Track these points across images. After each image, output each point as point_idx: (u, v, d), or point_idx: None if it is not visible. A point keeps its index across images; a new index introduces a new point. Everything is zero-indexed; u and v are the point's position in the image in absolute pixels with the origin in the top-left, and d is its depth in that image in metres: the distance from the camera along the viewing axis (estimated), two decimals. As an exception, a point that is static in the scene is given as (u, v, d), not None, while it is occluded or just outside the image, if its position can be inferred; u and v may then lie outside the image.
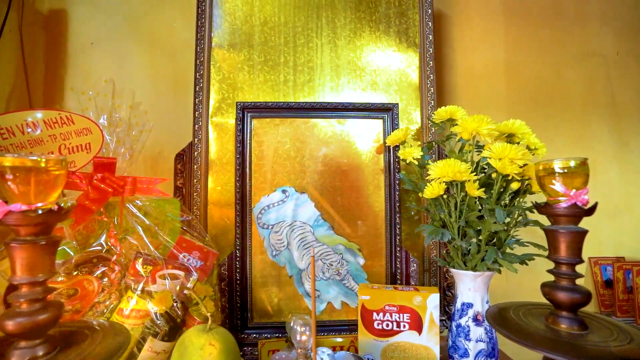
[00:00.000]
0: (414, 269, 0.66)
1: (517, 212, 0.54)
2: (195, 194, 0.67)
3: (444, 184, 0.53)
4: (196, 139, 0.68)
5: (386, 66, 0.73)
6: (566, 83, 0.91)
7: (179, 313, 0.49)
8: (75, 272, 0.48)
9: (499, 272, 0.53)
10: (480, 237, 0.53)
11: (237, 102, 0.68)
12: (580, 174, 0.39)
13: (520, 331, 0.39)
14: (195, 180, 0.68)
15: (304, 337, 0.40)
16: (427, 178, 0.55)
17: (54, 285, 0.46)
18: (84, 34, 0.82)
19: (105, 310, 0.47)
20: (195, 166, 0.68)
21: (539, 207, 0.42)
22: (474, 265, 0.54)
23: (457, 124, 0.56)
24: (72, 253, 0.47)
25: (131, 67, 0.82)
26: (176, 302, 0.49)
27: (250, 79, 0.71)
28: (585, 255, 0.87)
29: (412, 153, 0.59)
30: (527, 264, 0.54)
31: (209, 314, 0.43)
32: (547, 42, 0.91)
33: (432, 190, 0.54)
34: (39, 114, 0.50)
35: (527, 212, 0.53)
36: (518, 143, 0.57)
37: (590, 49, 0.91)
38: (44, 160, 0.33)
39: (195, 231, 0.61)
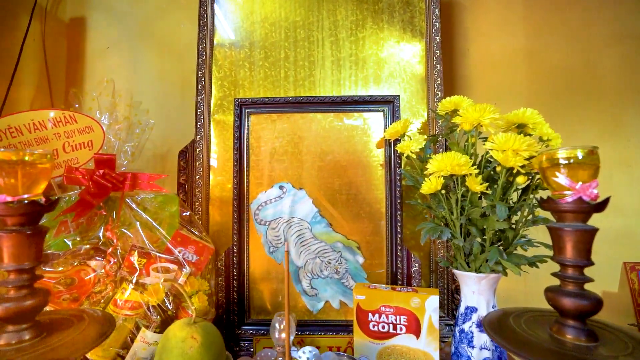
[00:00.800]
0: (416, 269, 0.62)
1: (526, 209, 0.50)
2: (197, 190, 0.68)
3: (442, 178, 0.50)
4: (198, 136, 0.70)
5: (390, 58, 0.70)
6: (597, 70, 0.82)
7: (170, 306, 0.50)
8: (76, 263, 0.50)
9: (505, 274, 0.49)
10: (485, 236, 0.49)
11: (234, 99, 0.68)
12: (588, 165, 0.35)
13: (517, 340, 0.35)
14: (197, 177, 0.69)
15: (283, 335, 0.39)
16: (425, 172, 0.52)
17: (53, 275, 0.48)
18: (101, 39, 0.87)
19: (101, 300, 0.49)
20: (197, 163, 0.69)
21: (542, 203, 0.38)
22: (477, 267, 0.50)
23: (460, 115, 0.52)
24: (70, 244, 0.50)
25: (142, 69, 0.86)
26: (168, 295, 0.50)
27: (251, 76, 0.71)
28: (619, 259, 0.80)
29: (410, 146, 0.56)
30: (537, 267, 0.49)
31: (193, 307, 0.43)
32: (574, 25, 0.82)
33: (430, 185, 0.50)
34: (44, 114, 0.54)
35: (539, 209, 0.48)
36: (530, 135, 0.52)
37: (625, 30, 0.81)
38: (28, 154, 0.35)
39: (195, 227, 0.62)
